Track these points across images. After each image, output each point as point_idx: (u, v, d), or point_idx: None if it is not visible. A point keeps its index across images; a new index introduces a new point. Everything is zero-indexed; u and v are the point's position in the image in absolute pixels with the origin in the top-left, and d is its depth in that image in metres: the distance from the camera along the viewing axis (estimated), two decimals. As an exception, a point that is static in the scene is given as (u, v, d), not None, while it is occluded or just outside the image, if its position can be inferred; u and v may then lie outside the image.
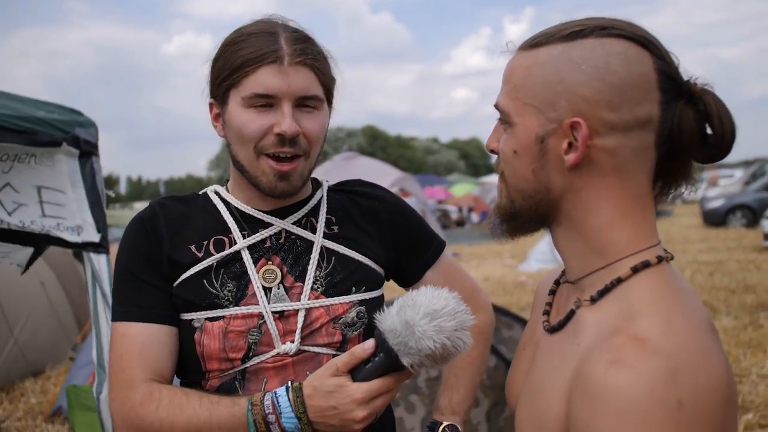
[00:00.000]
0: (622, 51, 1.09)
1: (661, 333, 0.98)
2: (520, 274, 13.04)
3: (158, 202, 1.72)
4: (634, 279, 1.10)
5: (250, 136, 1.57)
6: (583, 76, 1.08)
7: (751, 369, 6.30)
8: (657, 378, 0.93)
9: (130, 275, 1.62)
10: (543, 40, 1.14)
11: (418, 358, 1.36)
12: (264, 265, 1.64)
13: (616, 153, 1.09)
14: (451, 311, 1.36)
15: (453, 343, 1.35)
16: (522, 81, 1.15)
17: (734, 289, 10.10)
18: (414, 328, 1.34)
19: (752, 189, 21.27)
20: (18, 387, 7.01)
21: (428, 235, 1.88)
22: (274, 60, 1.55)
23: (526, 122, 1.14)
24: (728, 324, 7.93)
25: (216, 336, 1.57)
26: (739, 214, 20.01)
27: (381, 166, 16.96)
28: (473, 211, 30.29)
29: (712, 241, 16.49)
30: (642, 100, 1.08)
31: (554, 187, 1.14)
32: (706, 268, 12.14)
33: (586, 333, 1.10)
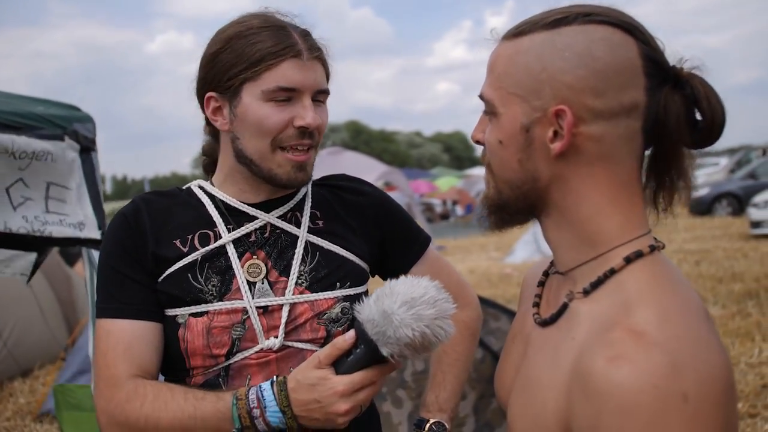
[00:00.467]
0: (605, 37, 1.08)
1: (658, 325, 0.98)
2: (506, 267, 13.05)
3: (141, 197, 1.71)
4: (627, 270, 1.09)
5: (270, 129, 1.57)
6: (566, 63, 1.07)
7: (740, 358, 6.30)
8: (659, 372, 0.92)
9: (114, 271, 1.60)
10: (526, 29, 1.13)
11: (398, 348, 1.34)
12: (249, 260, 1.63)
13: (602, 140, 1.08)
14: (430, 299, 1.35)
15: (433, 331, 1.33)
16: (505, 70, 1.14)
17: (721, 277, 10.09)
18: (392, 317, 1.33)
19: (737, 177, 21.40)
20: (7, 387, 6.98)
21: (414, 230, 1.88)
22: (295, 54, 1.56)
23: (511, 111, 1.13)
24: (716, 313, 7.91)
25: (200, 332, 1.56)
26: (725, 203, 19.99)
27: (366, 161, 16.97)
28: (458, 204, 30.33)
29: (698, 229, 16.53)
30: (627, 86, 1.07)
31: (541, 177, 1.13)
32: (692, 257, 12.15)
33: (580, 326, 1.09)
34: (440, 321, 1.35)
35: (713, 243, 13.89)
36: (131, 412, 1.49)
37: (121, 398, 1.51)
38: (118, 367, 1.53)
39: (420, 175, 39.34)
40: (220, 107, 1.63)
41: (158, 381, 1.57)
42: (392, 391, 3.86)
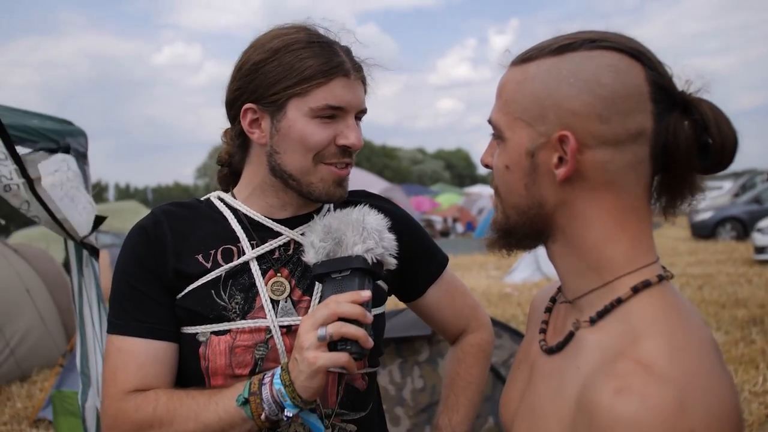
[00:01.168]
0: (612, 63, 1.08)
1: (666, 358, 0.96)
2: (505, 286, 13.02)
3: (161, 209, 1.65)
4: (635, 299, 1.08)
5: (314, 145, 1.54)
6: (571, 90, 1.08)
7: (744, 386, 6.21)
8: (667, 407, 0.91)
9: (130, 287, 1.55)
10: (534, 54, 1.14)
11: (363, 248, 1.43)
12: (272, 277, 1.59)
13: (607, 166, 1.08)
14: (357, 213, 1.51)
15: (377, 222, 1.48)
16: (512, 96, 1.15)
17: (724, 303, 9.99)
18: (330, 231, 1.47)
19: (742, 201, 21.32)
20: (4, 391, 6.98)
21: (432, 250, 1.86)
22: (345, 73, 1.55)
23: (517, 137, 1.13)
24: (719, 339, 7.80)
25: (222, 352, 1.51)
26: (729, 227, 19.90)
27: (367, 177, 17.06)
28: (458, 221, 30.31)
29: (701, 253, 16.49)
30: (633, 112, 1.06)
31: (547, 202, 1.13)
32: (695, 281, 12.08)
33: (586, 356, 1.08)
34: (371, 217, 1.50)
35: (717, 268, 13.81)
36: (143, 421, 1.45)
37: (130, 409, 1.47)
38: (127, 385, 1.49)
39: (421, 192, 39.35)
40: (259, 120, 1.58)
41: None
42: (390, 409, 3.83)
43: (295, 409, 1.41)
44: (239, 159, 1.69)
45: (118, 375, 1.50)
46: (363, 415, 1.65)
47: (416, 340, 3.88)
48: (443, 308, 1.86)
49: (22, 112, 3.61)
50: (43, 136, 3.38)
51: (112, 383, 1.51)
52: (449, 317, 1.88)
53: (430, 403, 3.75)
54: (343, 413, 1.61)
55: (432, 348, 3.90)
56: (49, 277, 7.99)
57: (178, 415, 1.44)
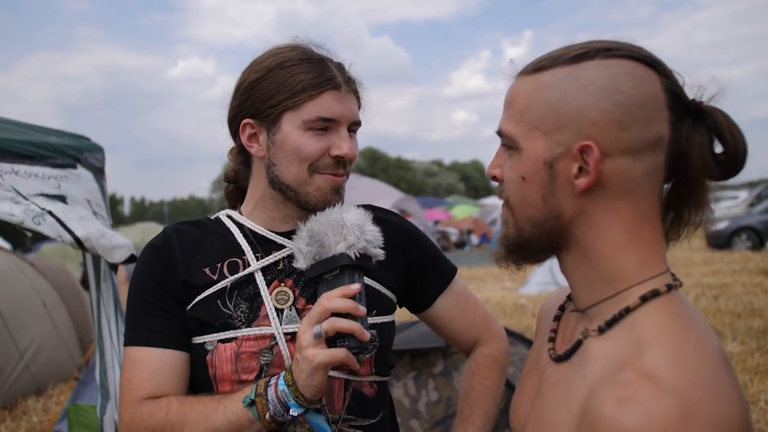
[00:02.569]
0: (629, 71, 1.08)
1: (671, 368, 0.95)
2: (520, 297, 12.96)
3: (172, 228, 1.74)
4: (642, 309, 1.07)
5: (308, 156, 1.61)
6: (590, 98, 1.07)
7: (759, 396, 6.15)
8: (670, 418, 0.90)
9: (143, 300, 1.63)
10: (547, 64, 1.13)
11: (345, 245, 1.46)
12: (276, 287, 1.65)
13: (627, 175, 1.08)
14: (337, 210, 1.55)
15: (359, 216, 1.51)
16: (527, 105, 1.13)
17: (740, 313, 9.91)
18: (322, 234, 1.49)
19: (757, 211, 21.11)
20: (20, 405, 7.00)
21: (440, 260, 1.88)
22: (335, 86, 1.62)
23: (533, 147, 1.12)
24: (734, 349, 7.78)
25: (228, 358, 1.57)
26: (744, 237, 19.73)
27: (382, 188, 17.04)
28: (473, 233, 30.25)
29: (716, 263, 16.35)
30: (652, 120, 1.07)
31: (565, 213, 1.12)
32: (710, 291, 11.99)
33: (592, 365, 1.07)
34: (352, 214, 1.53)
35: (732, 278, 13.69)
36: (156, 425, 1.51)
37: (144, 415, 1.53)
38: (142, 392, 1.56)
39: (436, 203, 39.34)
40: (257, 134, 1.67)
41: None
42: (406, 422, 3.83)
43: (300, 409, 1.45)
44: (243, 176, 1.78)
45: (132, 383, 1.58)
46: (372, 423, 1.67)
47: (431, 353, 3.88)
48: (453, 319, 1.87)
49: (39, 129, 3.66)
50: (61, 153, 3.45)
51: (127, 392, 1.58)
52: (460, 328, 1.89)
53: (445, 416, 3.74)
54: (351, 419, 1.63)
55: (447, 360, 3.89)
56: (65, 291, 8.05)
57: (189, 419, 1.49)
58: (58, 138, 3.58)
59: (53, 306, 7.67)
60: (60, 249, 14.30)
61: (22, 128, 3.55)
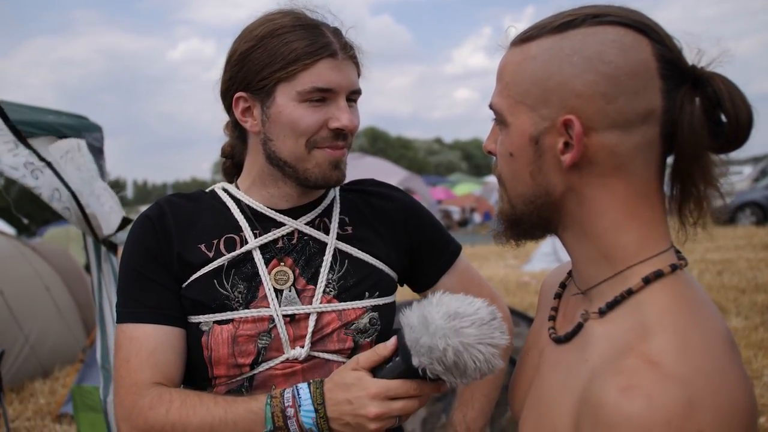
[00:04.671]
0: (616, 39, 1.02)
1: (675, 355, 0.92)
2: (523, 275, 12.95)
3: (165, 200, 1.66)
4: (646, 291, 1.03)
5: (305, 130, 1.52)
6: (574, 69, 1.02)
7: (763, 371, 6.14)
8: (674, 407, 0.87)
9: (137, 274, 1.55)
10: (534, 33, 1.08)
11: (428, 360, 1.24)
12: (276, 266, 1.59)
13: (616, 150, 1.02)
14: (478, 320, 1.24)
15: (470, 354, 1.21)
16: (513, 78, 1.09)
17: (744, 288, 9.87)
18: (429, 324, 1.24)
19: (761, 186, 21.05)
20: (27, 387, 7.06)
21: (444, 238, 1.81)
22: (331, 54, 1.52)
23: (519, 122, 1.08)
24: (738, 324, 7.75)
25: (225, 341, 1.51)
26: (748, 212, 19.67)
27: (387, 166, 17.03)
28: (476, 211, 30.20)
29: (720, 239, 16.25)
30: (642, 90, 1.01)
31: (555, 190, 1.08)
32: (714, 267, 11.92)
33: (594, 348, 1.04)
34: (483, 347, 1.22)
35: (736, 253, 13.64)
36: (156, 420, 1.43)
37: (144, 406, 1.45)
38: (141, 374, 1.48)
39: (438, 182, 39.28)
40: (251, 108, 1.58)
41: (184, 389, 1.52)
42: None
43: None
44: (240, 150, 1.70)
45: (130, 364, 1.49)
46: None
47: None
48: None
49: (37, 109, 3.64)
50: (59, 132, 3.42)
51: (126, 373, 1.50)
52: None
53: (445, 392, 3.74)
54: None
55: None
56: (68, 275, 8.09)
57: (191, 424, 1.41)
58: (56, 117, 3.56)
59: (56, 290, 7.71)
60: (63, 234, 14.30)
61: (20, 108, 3.53)
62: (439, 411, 3.73)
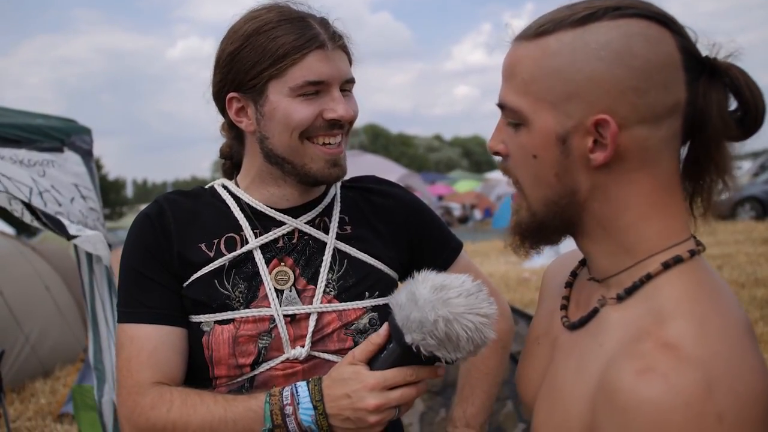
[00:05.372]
0: (641, 32, 0.99)
1: (693, 339, 0.91)
2: (524, 271, 12.93)
3: (165, 198, 1.64)
4: (664, 276, 1.02)
5: (299, 124, 1.51)
6: (602, 64, 0.98)
7: (763, 365, 6.14)
8: (693, 391, 0.86)
9: (137, 274, 1.55)
10: (550, 27, 1.03)
11: (421, 335, 1.25)
12: (276, 266, 1.58)
13: (645, 145, 1.01)
14: (464, 291, 1.25)
15: (461, 324, 1.22)
16: (532, 74, 1.04)
17: (744, 282, 9.91)
18: (417, 298, 1.25)
19: (761, 180, 21.03)
20: (28, 387, 7.06)
21: (445, 234, 1.81)
22: (320, 45, 1.50)
23: (542, 121, 1.03)
24: (737, 318, 7.75)
25: (225, 341, 1.51)
26: (748, 207, 19.64)
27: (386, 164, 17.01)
28: (476, 208, 30.20)
29: (719, 234, 16.21)
30: (670, 83, 0.99)
31: (580, 189, 1.05)
32: (714, 261, 11.89)
33: (609, 333, 1.03)
34: (472, 316, 1.24)
35: (736, 248, 13.65)
36: (157, 419, 1.44)
37: (146, 405, 1.46)
38: (142, 374, 1.48)
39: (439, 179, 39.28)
40: (244, 107, 1.57)
41: (185, 387, 1.51)
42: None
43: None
44: (238, 151, 1.69)
45: (132, 364, 1.50)
46: None
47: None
48: None
49: (25, 113, 3.67)
50: (48, 135, 3.44)
51: (127, 373, 1.50)
52: None
53: (444, 385, 3.74)
54: None
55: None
56: (67, 274, 8.06)
57: (192, 422, 1.42)
58: (45, 121, 3.56)
59: (56, 289, 7.71)
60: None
61: (7, 112, 3.54)
62: (438, 406, 3.73)
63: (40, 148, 3.34)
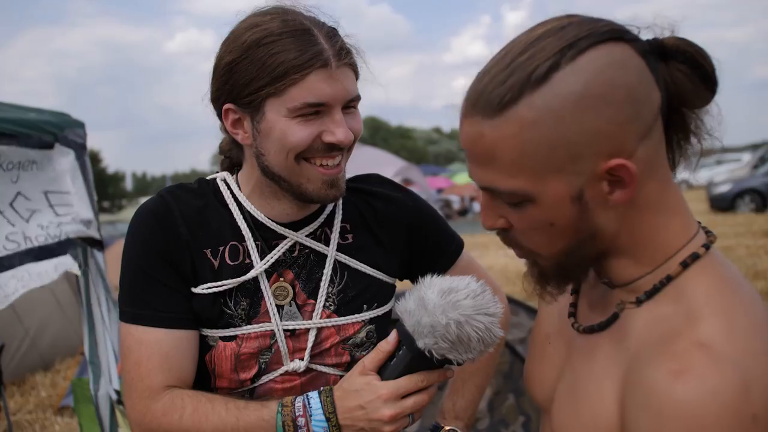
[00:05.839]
0: (607, 61, 0.95)
1: (726, 337, 0.90)
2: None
3: (171, 194, 1.57)
4: (686, 275, 1.01)
5: (296, 146, 1.43)
6: (592, 113, 0.93)
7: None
8: (729, 391, 0.85)
9: (144, 275, 1.50)
10: (513, 95, 0.95)
11: (433, 340, 1.25)
12: (276, 281, 1.56)
13: (648, 159, 0.98)
14: (471, 292, 1.26)
15: (471, 325, 1.23)
16: (520, 152, 0.97)
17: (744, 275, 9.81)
18: (426, 303, 1.26)
19: (760, 173, 20.97)
20: (29, 380, 7.08)
21: (447, 237, 1.78)
22: (322, 65, 1.39)
23: (551, 190, 0.98)
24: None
25: (228, 357, 1.52)
26: (748, 199, 19.61)
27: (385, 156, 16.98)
28: (475, 200, 30.14)
29: (719, 226, 16.20)
30: (649, 91, 0.97)
31: (603, 227, 1.02)
32: (713, 254, 11.91)
33: (635, 336, 1.02)
34: (481, 316, 1.25)
35: (736, 240, 13.59)
36: (169, 426, 1.43)
37: (158, 411, 1.45)
38: (154, 379, 1.46)
39: (438, 171, 39.25)
40: (241, 120, 1.49)
41: (196, 391, 1.50)
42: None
43: None
44: (236, 154, 1.64)
45: (142, 369, 1.47)
46: None
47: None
48: None
49: (16, 107, 3.65)
50: (41, 129, 3.42)
51: (137, 377, 1.48)
52: None
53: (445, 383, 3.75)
54: None
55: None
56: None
57: (204, 430, 1.42)
58: (37, 115, 3.56)
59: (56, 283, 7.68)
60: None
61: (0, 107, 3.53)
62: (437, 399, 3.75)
63: (31, 144, 3.33)
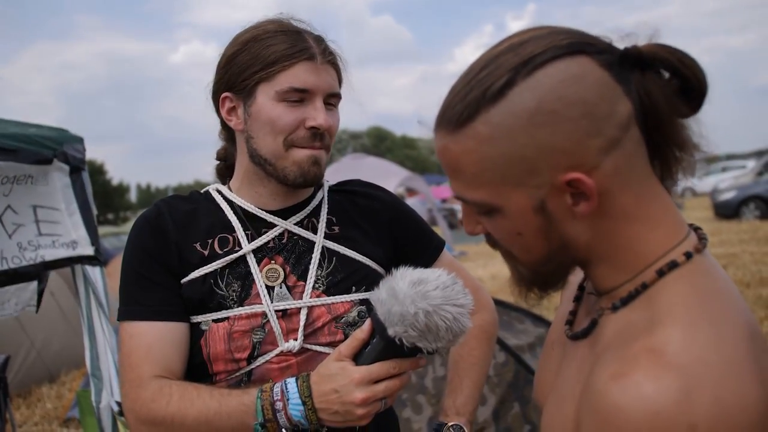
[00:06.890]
0: (562, 77, 0.94)
1: (680, 346, 0.87)
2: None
3: (163, 201, 1.74)
4: (660, 283, 0.99)
5: (282, 127, 1.60)
6: (546, 129, 0.93)
7: None
8: (665, 398, 0.82)
9: (136, 275, 1.63)
10: (470, 112, 0.97)
11: (403, 328, 1.31)
12: (267, 264, 1.67)
13: (618, 170, 0.97)
14: (441, 284, 1.32)
15: (440, 315, 1.29)
16: (479, 166, 0.99)
17: (749, 282, 9.85)
18: (397, 293, 1.32)
19: (765, 180, 20.87)
20: (34, 392, 7.11)
21: (427, 234, 1.90)
22: (309, 57, 1.60)
23: (513, 202, 1.00)
24: (742, 317, 7.72)
25: (221, 337, 1.59)
26: (752, 206, 19.47)
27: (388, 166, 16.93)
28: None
29: (724, 233, 16.20)
30: (613, 105, 0.95)
31: (574, 237, 1.02)
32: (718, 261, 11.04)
33: (603, 342, 1.02)
34: (449, 307, 1.30)
35: (740, 247, 13.59)
36: (157, 411, 1.51)
37: (147, 398, 1.53)
38: (142, 368, 1.56)
39: (442, 181, 39.24)
40: (235, 107, 1.67)
41: (185, 381, 1.58)
42: (412, 397, 3.85)
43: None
44: (231, 153, 1.80)
45: (132, 359, 1.58)
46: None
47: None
48: None
49: (15, 123, 3.69)
50: (40, 144, 3.47)
51: (128, 368, 1.59)
52: None
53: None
54: None
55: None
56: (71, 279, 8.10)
57: (189, 415, 1.49)
58: (38, 130, 3.61)
59: (61, 294, 7.71)
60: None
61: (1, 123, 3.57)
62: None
63: (30, 160, 3.37)
